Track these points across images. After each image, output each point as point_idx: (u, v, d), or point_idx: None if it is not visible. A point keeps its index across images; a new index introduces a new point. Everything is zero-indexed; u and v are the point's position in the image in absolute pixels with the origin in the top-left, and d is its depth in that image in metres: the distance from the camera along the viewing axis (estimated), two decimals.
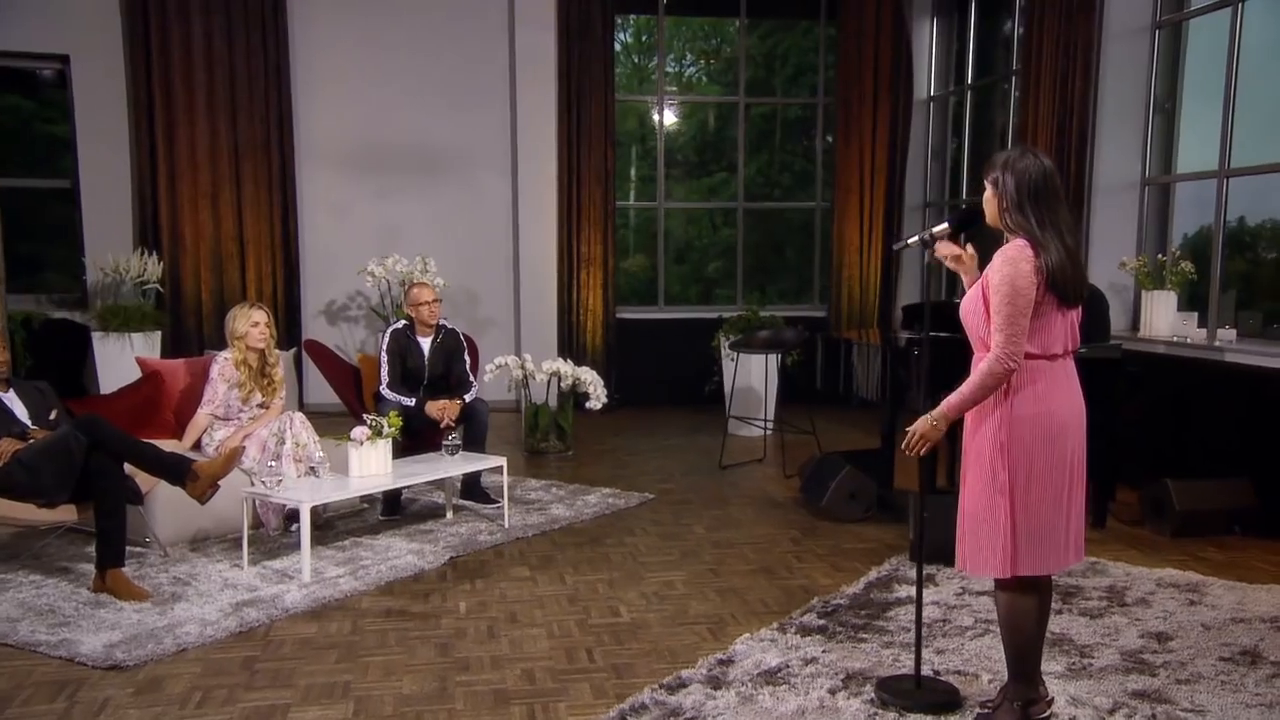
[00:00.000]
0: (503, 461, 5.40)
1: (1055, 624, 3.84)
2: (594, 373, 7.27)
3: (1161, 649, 3.62)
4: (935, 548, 4.60)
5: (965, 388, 2.88)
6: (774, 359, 7.63)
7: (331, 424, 5.46)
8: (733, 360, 7.70)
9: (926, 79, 9.52)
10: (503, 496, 5.43)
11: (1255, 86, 6.00)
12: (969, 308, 3.04)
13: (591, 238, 9.15)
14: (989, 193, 3.00)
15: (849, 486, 5.41)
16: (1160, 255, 6.27)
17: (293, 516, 5.21)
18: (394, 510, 5.66)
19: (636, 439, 7.88)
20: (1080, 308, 3.00)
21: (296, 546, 4.77)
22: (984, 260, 3.06)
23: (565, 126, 9.01)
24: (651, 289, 10.07)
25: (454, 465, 5.30)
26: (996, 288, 2.86)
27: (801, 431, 6.75)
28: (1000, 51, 8.89)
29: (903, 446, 3.02)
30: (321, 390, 8.73)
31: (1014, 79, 8.27)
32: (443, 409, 5.68)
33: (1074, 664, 3.50)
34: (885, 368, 5.23)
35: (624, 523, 5.51)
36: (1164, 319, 6.19)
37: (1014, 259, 2.85)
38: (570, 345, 9.14)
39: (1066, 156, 6.65)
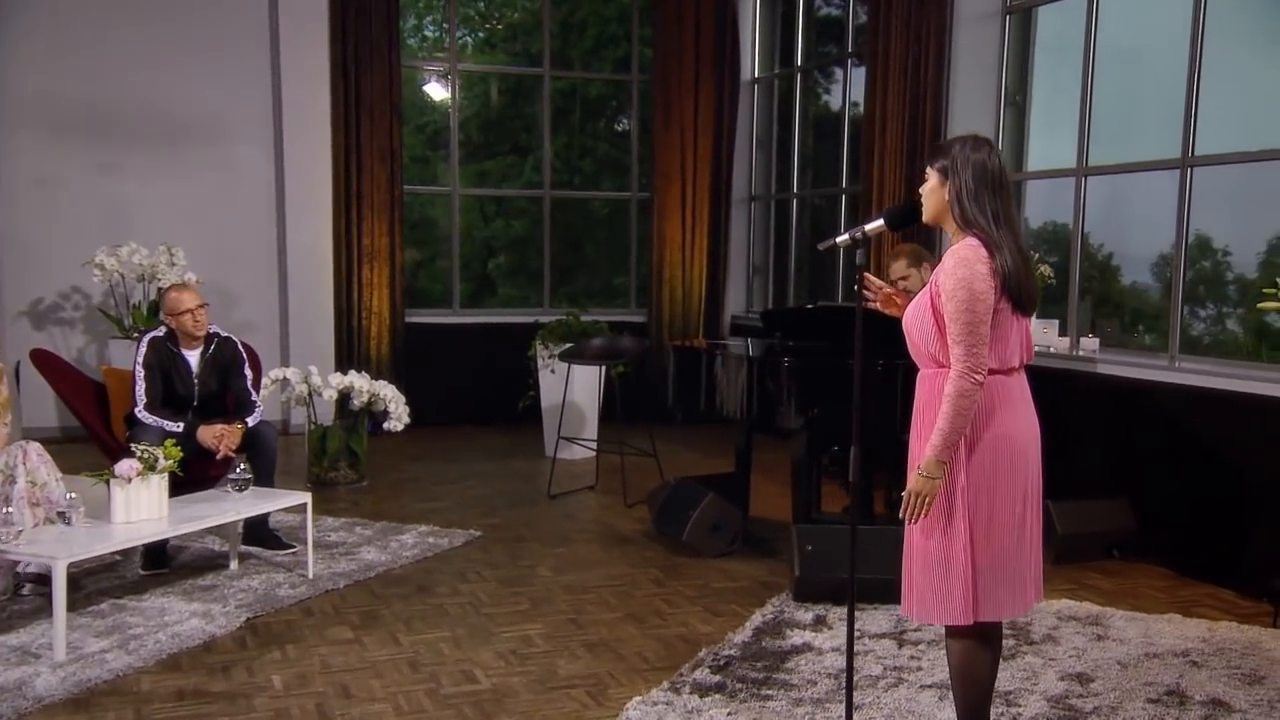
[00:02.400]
0: (306, 498, 5.00)
1: None
2: (394, 388, 6.91)
3: (1086, 692, 3.75)
4: (821, 585, 4.63)
5: (942, 422, 2.83)
6: (599, 371, 7.52)
7: (61, 454, 4.86)
8: (553, 373, 7.53)
9: (751, 59, 9.70)
10: (306, 540, 5.03)
11: (1102, 82, 6.47)
12: (914, 317, 3.01)
13: (375, 228, 8.74)
14: (933, 183, 2.98)
15: (712, 517, 5.37)
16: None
17: (33, 578, 4.61)
18: (159, 562, 5.13)
19: (440, 465, 7.57)
20: (1033, 316, 3.05)
21: (34, 616, 4.23)
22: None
23: (341, 95, 8.57)
24: (436, 290, 9.78)
25: (247, 504, 4.85)
26: (951, 293, 2.84)
27: (642, 454, 6.67)
28: (835, 31, 9.19)
29: (901, 515, 2.95)
30: (41, 410, 7.89)
31: (849, 62, 8.56)
32: (219, 436, 5.20)
33: (1002, 715, 3.56)
34: (750, 381, 5.22)
35: (452, 566, 5.24)
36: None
37: (968, 260, 2.84)
38: (350, 354, 8.69)
39: (920, 149, 6.91)
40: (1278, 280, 5.00)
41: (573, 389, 7.24)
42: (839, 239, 3.29)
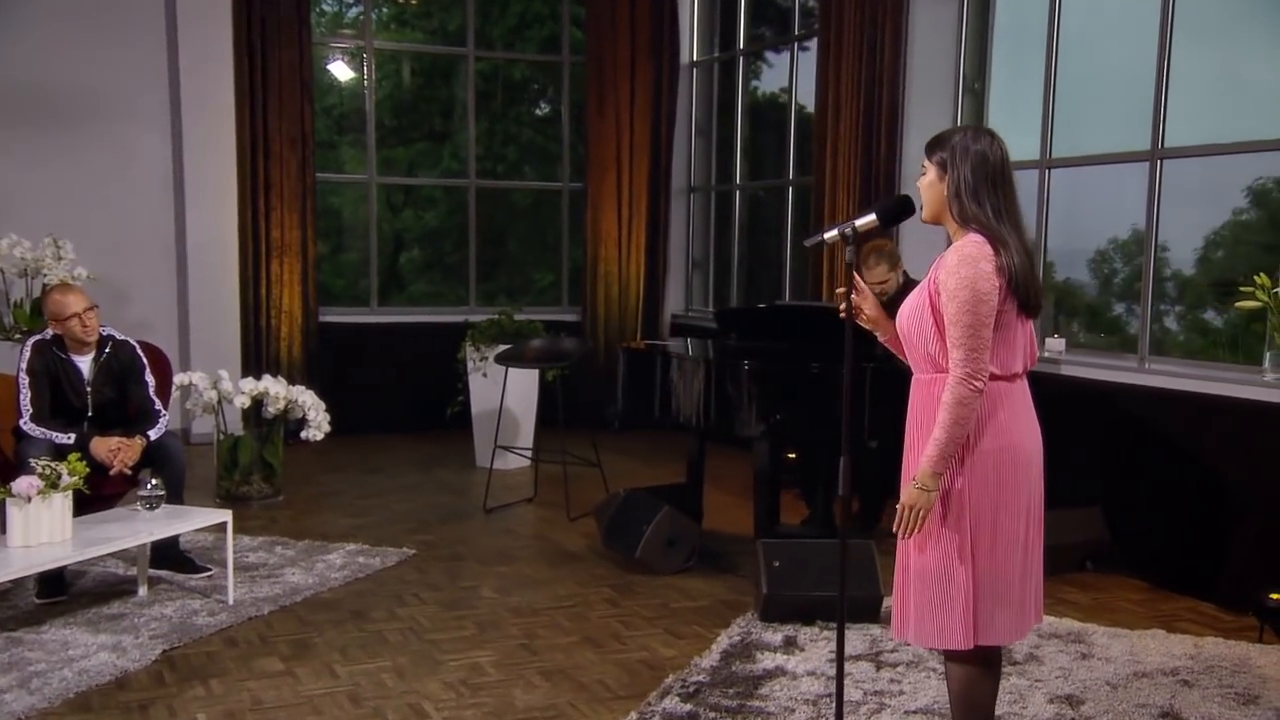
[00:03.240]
0: (226, 516, 4.84)
1: None
2: (312, 394, 6.75)
3: (1078, 715, 3.77)
4: (790, 604, 4.61)
5: (939, 431, 2.82)
6: (535, 375, 7.44)
7: None
8: (485, 376, 7.43)
9: (690, 39, 9.68)
10: (225, 562, 4.86)
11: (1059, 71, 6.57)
12: (910, 318, 3.00)
13: (286, 219, 8.54)
14: (932, 176, 2.97)
15: (667, 531, 5.32)
16: None
17: None
18: (57, 589, 4.92)
19: (362, 477, 7.42)
20: (1038, 318, 3.05)
21: None
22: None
23: (247, 74, 8.34)
24: (338, 285, 9.61)
25: (160, 525, 4.68)
26: (953, 293, 2.82)
27: (585, 463, 6.59)
28: (780, 12, 9.21)
29: (895, 529, 2.92)
30: None
31: (795, 45, 8.57)
32: (115, 450, 5.01)
33: None
34: (708, 386, 5.18)
35: (388, 588, 5.12)
36: None
37: (973, 258, 2.82)
38: (258, 357, 8.47)
39: (876, 138, 6.95)
40: (1256, 278, 5.09)
41: (507, 393, 7.13)
42: (827, 235, 3.26)
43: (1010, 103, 7.25)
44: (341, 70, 9.69)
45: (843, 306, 3.17)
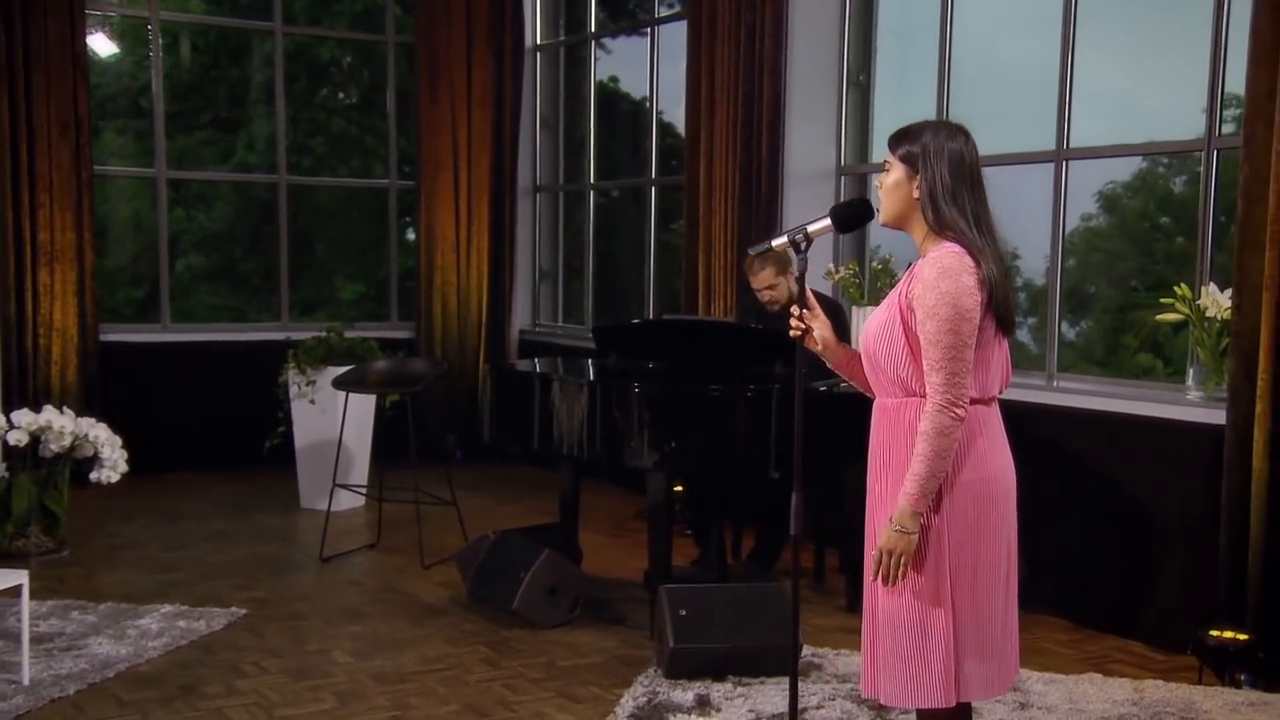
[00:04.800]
0: (20, 579, 4.51)
1: None
2: (106, 428, 6.39)
3: None
4: (699, 658, 4.58)
5: (918, 465, 2.82)
6: (369, 402, 7.25)
7: None
8: (312, 403, 7.19)
9: (534, 20, 9.62)
10: (20, 634, 4.54)
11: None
12: (878, 337, 2.99)
13: (58, 219, 8.10)
14: (897, 176, 2.96)
15: (548, 578, 5.23)
16: (874, 263, 6.82)
17: None
18: None
19: (164, 525, 7.09)
20: (1013, 335, 3.09)
21: None
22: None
23: (5, 48, 7.88)
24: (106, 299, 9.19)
25: None
26: (932, 310, 2.83)
27: (439, 502, 6.44)
28: None
29: (875, 579, 2.91)
30: None
31: (655, 30, 8.59)
32: None
33: None
34: (592, 412, 5.12)
35: (220, 657, 4.89)
36: None
37: (953, 270, 2.84)
38: (22, 384, 7.97)
39: (756, 136, 7.00)
40: (1176, 288, 5.32)
41: (335, 425, 6.92)
42: (775, 242, 3.26)
43: (898, 97, 7.44)
44: (102, 44, 9.28)
45: (794, 325, 3.15)
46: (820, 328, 3.18)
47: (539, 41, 9.67)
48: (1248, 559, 4.78)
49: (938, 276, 2.83)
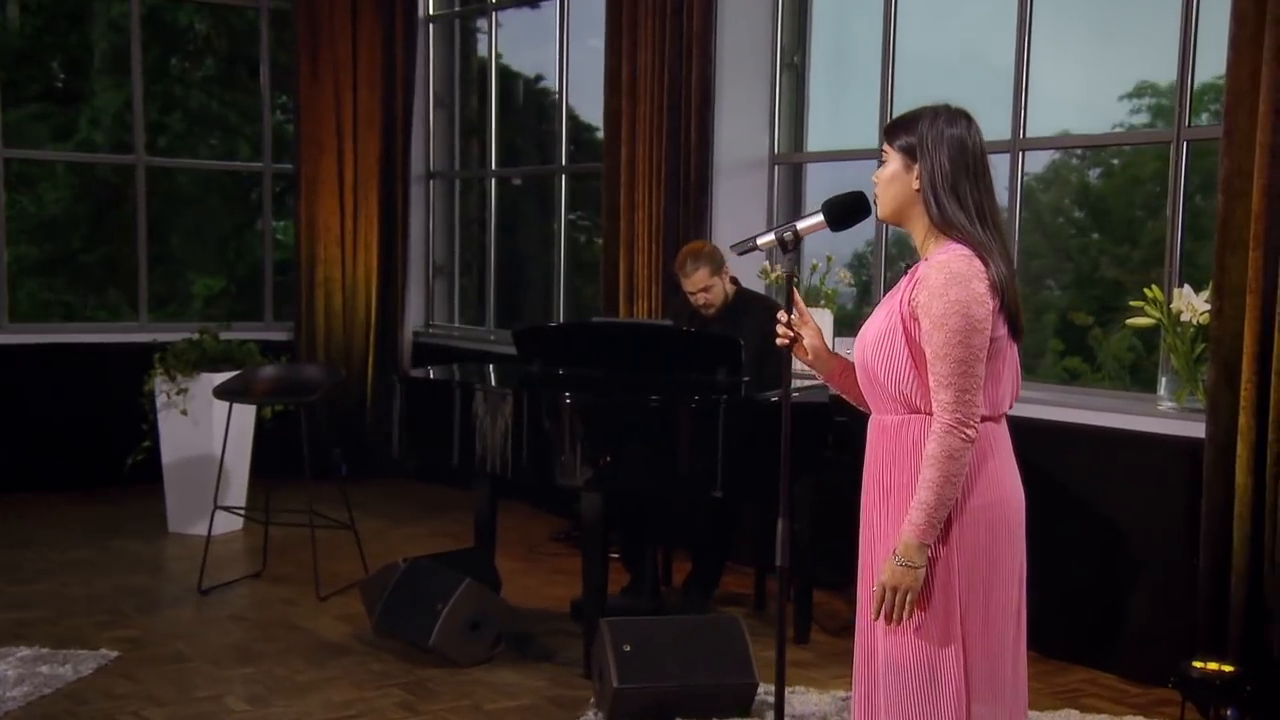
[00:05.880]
0: None
1: None
2: None
3: None
4: (646, 698, 4.50)
5: (925, 493, 2.77)
6: (249, 414, 7.04)
7: None
8: (183, 414, 6.94)
9: None
10: None
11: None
12: (875, 346, 2.93)
13: None
14: (895, 167, 2.90)
15: (470, 611, 5.10)
16: (814, 262, 6.78)
17: None
18: None
19: (10, 554, 6.78)
20: (1023, 341, 3.04)
21: None
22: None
23: None
24: None
25: None
26: (940, 320, 2.76)
27: (336, 525, 6.25)
28: None
29: (878, 618, 2.85)
30: None
31: (563, 2, 8.48)
32: None
33: None
34: (519, 425, 5.02)
35: (94, 707, 4.67)
36: None
37: (962, 276, 2.77)
38: None
39: (684, 121, 6.91)
40: (1146, 291, 5.35)
41: (214, 438, 6.69)
42: (761, 239, 3.20)
43: (836, 82, 7.44)
44: None
45: (781, 332, 3.07)
46: (810, 335, 3.12)
47: (432, 11, 9.51)
48: (1230, 583, 4.81)
49: (946, 282, 2.77)
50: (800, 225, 3.11)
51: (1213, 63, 5.29)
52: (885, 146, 2.95)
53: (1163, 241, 8.30)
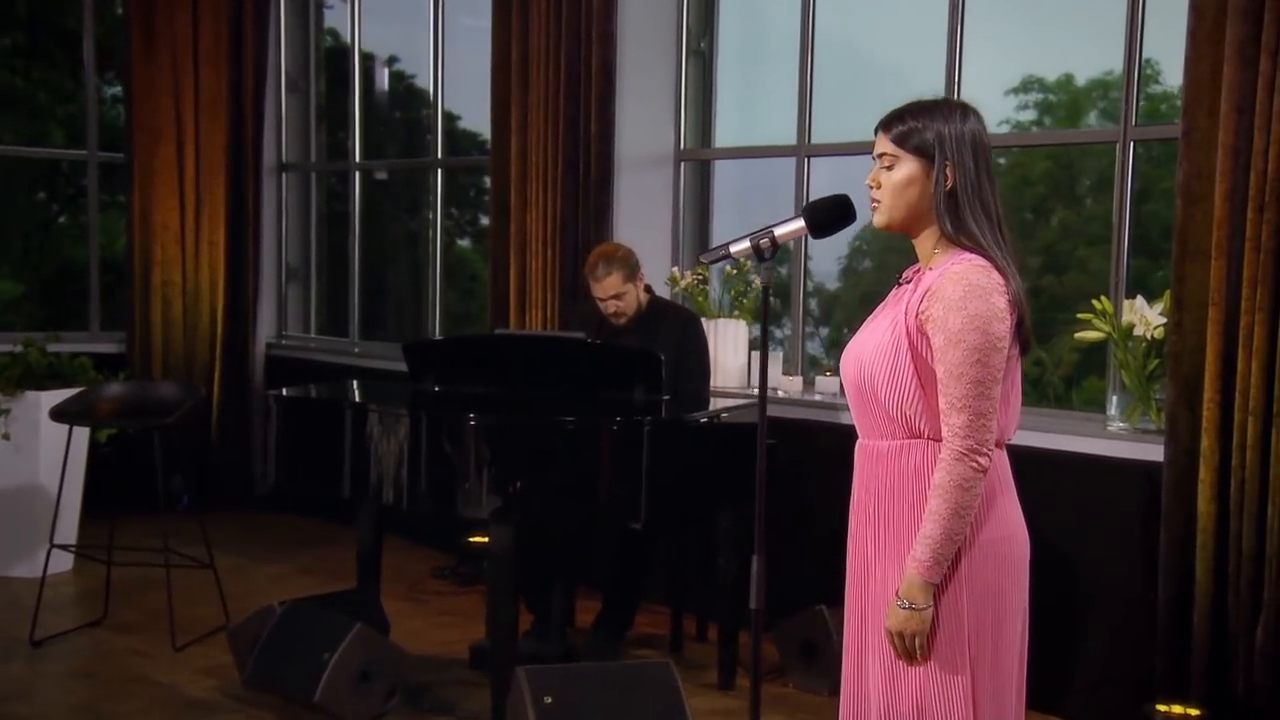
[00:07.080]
0: None
1: None
2: None
3: None
4: None
5: (931, 527, 2.78)
6: (83, 438, 6.82)
7: None
8: (6, 439, 6.73)
9: None
10: None
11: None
12: (874, 362, 2.93)
13: None
14: (912, 170, 2.88)
15: (359, 659, 4.99)
16: (730, 267, 6.75)
17: None
18: None
19: None
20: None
21: None
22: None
23: None
24: None
25: None
26: (957, 336, 2.76)
27: (194, 564, 6.06)
28: None
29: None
30: None
31: None
32: None
33: None
34: (416, 449, 4.95)
35: None
36: (734, 360, 6.66)
37: (983, 289, 2.78)
38: None
39: (585, 114, 6.86)
40: (1095, 302, 5.43)
41: (41, 466, 6.47)
42: (734, 247, 3.18)
43: (746, 69, 7.45)
44: None
45: None
46: None
47: None
48: (1193, 619, 4.89)
49: (964, 295, 2.77)
50: (778, 231, 3.08)
51: (1102, 58, 5.40)
52: (889, 148, 2.91)
53: (1055, 246, 8.49)
